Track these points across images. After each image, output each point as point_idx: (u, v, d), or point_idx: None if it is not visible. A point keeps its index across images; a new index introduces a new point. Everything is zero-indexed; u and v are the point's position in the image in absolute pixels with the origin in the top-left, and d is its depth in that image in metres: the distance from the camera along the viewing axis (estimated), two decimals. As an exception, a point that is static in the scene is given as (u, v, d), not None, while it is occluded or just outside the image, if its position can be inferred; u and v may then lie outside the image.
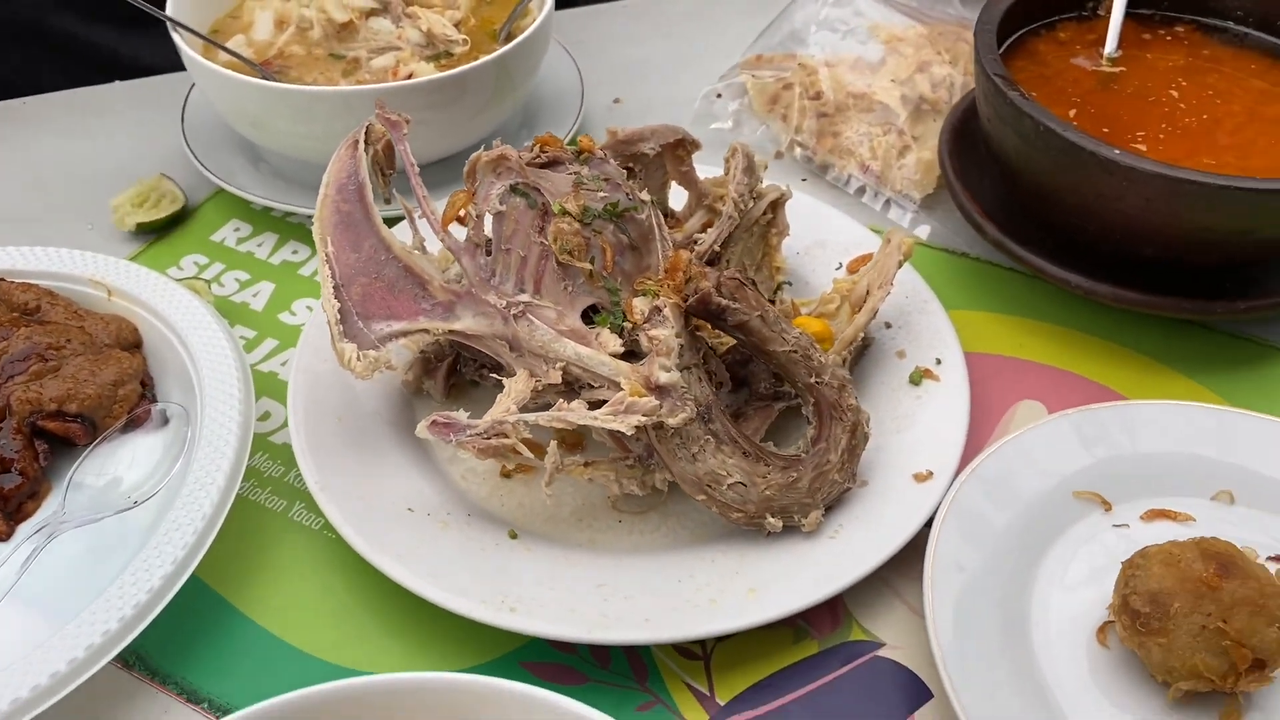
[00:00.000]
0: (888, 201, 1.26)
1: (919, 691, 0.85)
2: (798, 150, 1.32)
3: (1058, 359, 1.09)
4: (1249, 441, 0.97)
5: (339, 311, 0.90)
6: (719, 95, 1.38)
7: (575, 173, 0.93)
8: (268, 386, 1.08)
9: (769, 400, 0.98)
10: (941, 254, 1.21)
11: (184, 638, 0.88)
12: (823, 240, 1.15)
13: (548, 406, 0.87)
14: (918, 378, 1.00)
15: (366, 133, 0.98)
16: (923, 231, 1.23)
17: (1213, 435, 0.97)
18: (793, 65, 1.36)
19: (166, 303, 1.06)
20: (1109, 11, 1.19)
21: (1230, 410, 0.98)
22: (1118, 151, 0.97)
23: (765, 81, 1.37)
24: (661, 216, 0.97)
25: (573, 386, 0.89)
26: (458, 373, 1.03)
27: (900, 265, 1.01)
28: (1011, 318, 1.13)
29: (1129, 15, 1.19)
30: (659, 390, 0.85)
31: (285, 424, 1.01)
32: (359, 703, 0.65)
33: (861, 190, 1.27)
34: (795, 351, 0.90)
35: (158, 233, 1.24)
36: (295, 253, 1.22)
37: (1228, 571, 0.81)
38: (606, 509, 0.95)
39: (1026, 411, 1.04)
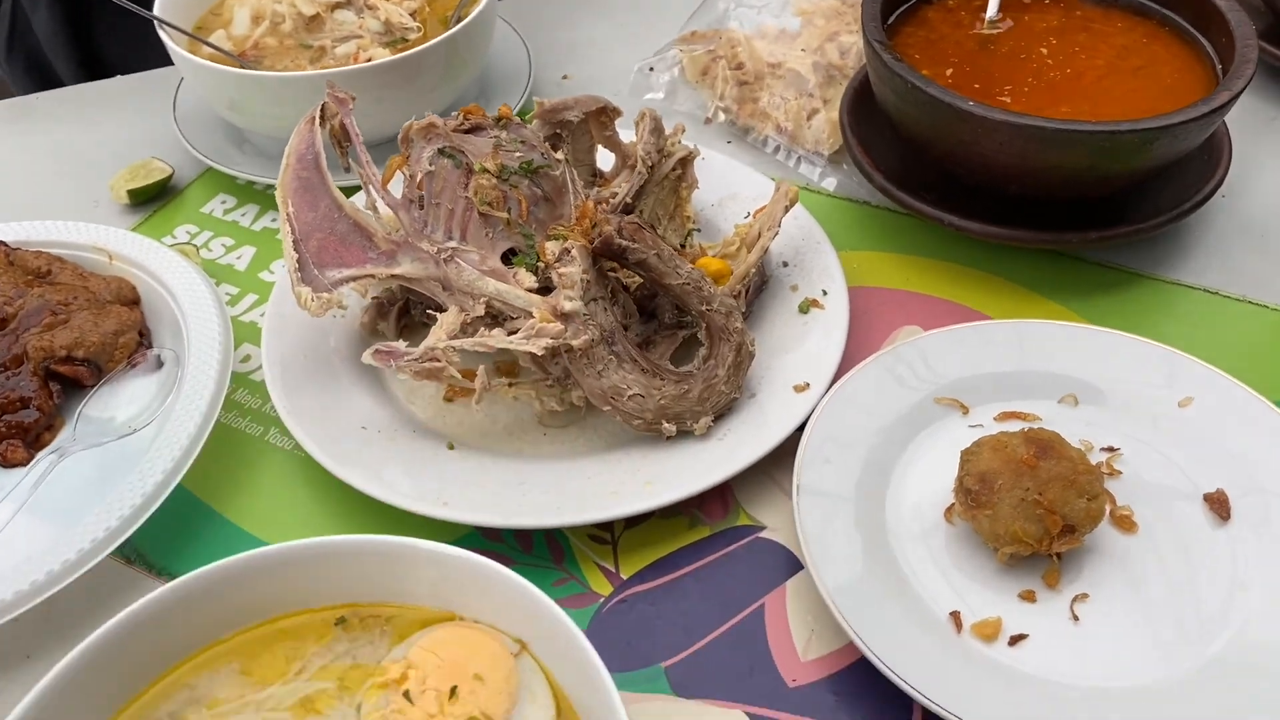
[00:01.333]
0: (799, 159, 1.40)
1: (792, 565, 1.00)
2: (722, 116, 1.47)
3: (937, 289, 1.23)
4: (1094, 352, 1.11)
5: (297, 261, 1.06)
6: (651, 69, 1.53)
7: (495, 136, 1.09)
8: (249, 334, 1.24)
9: (673, 329, 1.13)
10: (845, 203, 1.36)
11: (177, 538, 1.05)
12: (735, 194, 1.30)
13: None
14: (805, 307, 1.15)
15: (322, 110, 1.13)
16: (829, 184, 1.38)
17: (1063, 347, 1.11)
18: (720, 40, 1.50)
19: (159, 264, 1.23)
20: (992, -21, 1.33)
21: (1079, 325, 1.12)
22: (971, 103, 1.11)
23: (696, 54, 1.51)
24: (574, 174, 1.12)
25: (496, 319, 1.05)
26: (408, 315, 1.19)
27: (787, 210, 1.15)
28: (900, 256, 1.28)
29: (1009, -18, 1.33)
30: (564, 317, 1.00)
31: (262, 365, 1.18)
32: (302, 560, 0.80)
33: (777, 149, 1.42)
34: (688, 284, 1.05)
35: (150, 202, 1.41)
36: (274, 220, 1.39)
37: (1045, 453, 0.95)
38: (534, 424, 1.10)
39: (907, 335, 1.19)
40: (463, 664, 0.78)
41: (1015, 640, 0.91)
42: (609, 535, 1.03)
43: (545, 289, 1.04)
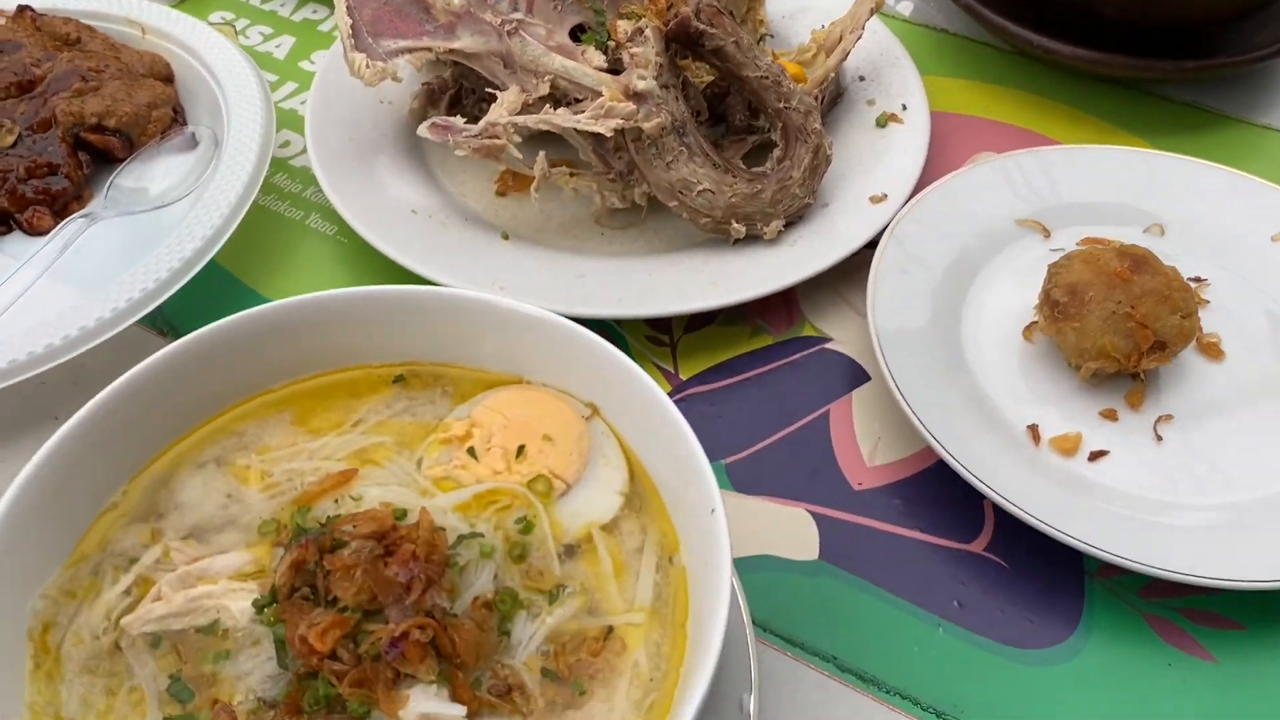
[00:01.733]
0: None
1: (859, 376, 0.96)
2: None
3: (1015, 118, 1.17)
4: (1183, 182, 1.05)
5: (351, 28, 0.99)
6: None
7: (569, -95, 1.01)
8: (288, 121, 1.18)
9: (743, 133, 1.07)
10: (921, 29, 1.28)
11: (213, 313, 0.99)
12: (806, 7, 1.22)
13: (537, 116, 0.97)
14: (884, 120, 1.09)
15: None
16: (905, 8, 1.30)
17: (1151, 177, 1.05)
18: None
19: (199, 41, 1.15)
20: None
21: (1168, 155, 1.06)
22: (1078, -94, 1.04)
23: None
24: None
25: (560, 101, 0.98)
26: (459, 105, 1.12)
27: (871, 14, 1.08)
28: (977, 83, 1.21)
29: None
30: (636, 97, 0.94)
31: (304, 150, 1.11)
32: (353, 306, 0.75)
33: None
34: (766, 77, 0.98)
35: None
36: (315, 12, 1.31)
37: (1139, 268, 0.90)
38: (590, 223, 1.04)
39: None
40: (530, 425, 0.74)
41: (1095, 456, 0.87)
42: (668, 338, 0.98)
43: (613, 71, 0.98)
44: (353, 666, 0.60)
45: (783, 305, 1.00)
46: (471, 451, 0.73)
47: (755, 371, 0.96)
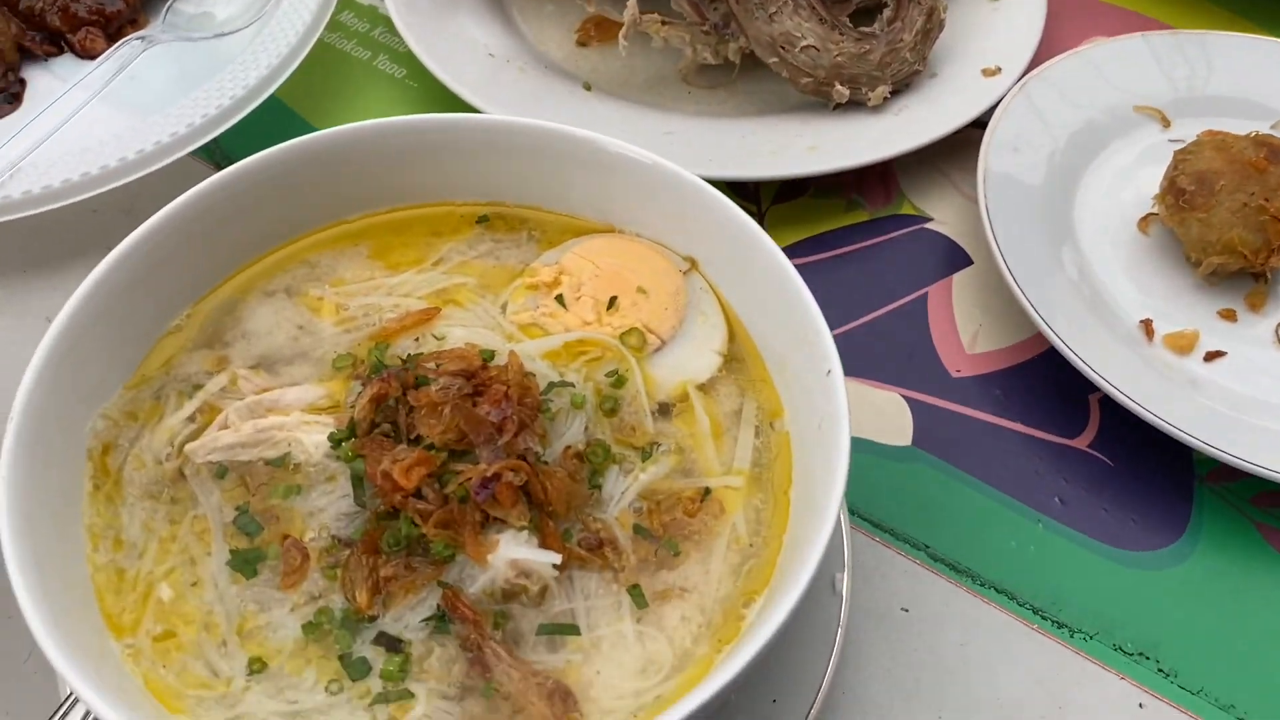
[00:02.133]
0: None
1: (959, 259, 0.90)
2: None
3: (1140, 5, 1.08)
4: (1319, 79, 0.97)
5: None
6: None
7: None
8: (355, -44, 1.10)
9: (848, -7, 0.99)
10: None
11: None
12: None
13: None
14: (998, -8, 1.01)
15: None
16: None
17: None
18: None
19: None
20: None
21: (1305, 47, 0.99)
22: None
23: None
24: None
25: (658, -59, 0.91)
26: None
27: None
28: (1097, -38, 1.12)
29: None
30: (744, -62, 0.86)
31: (372, -13, 1.04)
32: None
33: None
34: (881, -70, 0.91)
35: None
36: None
37: (1277, 157, 0.83)
38: (676, 81, 0.98)
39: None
40: (623, 275, 0.68)
41: (1211, 356, 0.81)
42: (755, 207, 0.92)
43: (718, -87, 0.90)
44: (438, 507, 0.55)
45: (880, 180, 0.94)
46: (560, 299, 0.68)
47: (849, 248, 0.90)
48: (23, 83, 0.97)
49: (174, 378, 0.63)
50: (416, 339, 0.65)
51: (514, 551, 0.55)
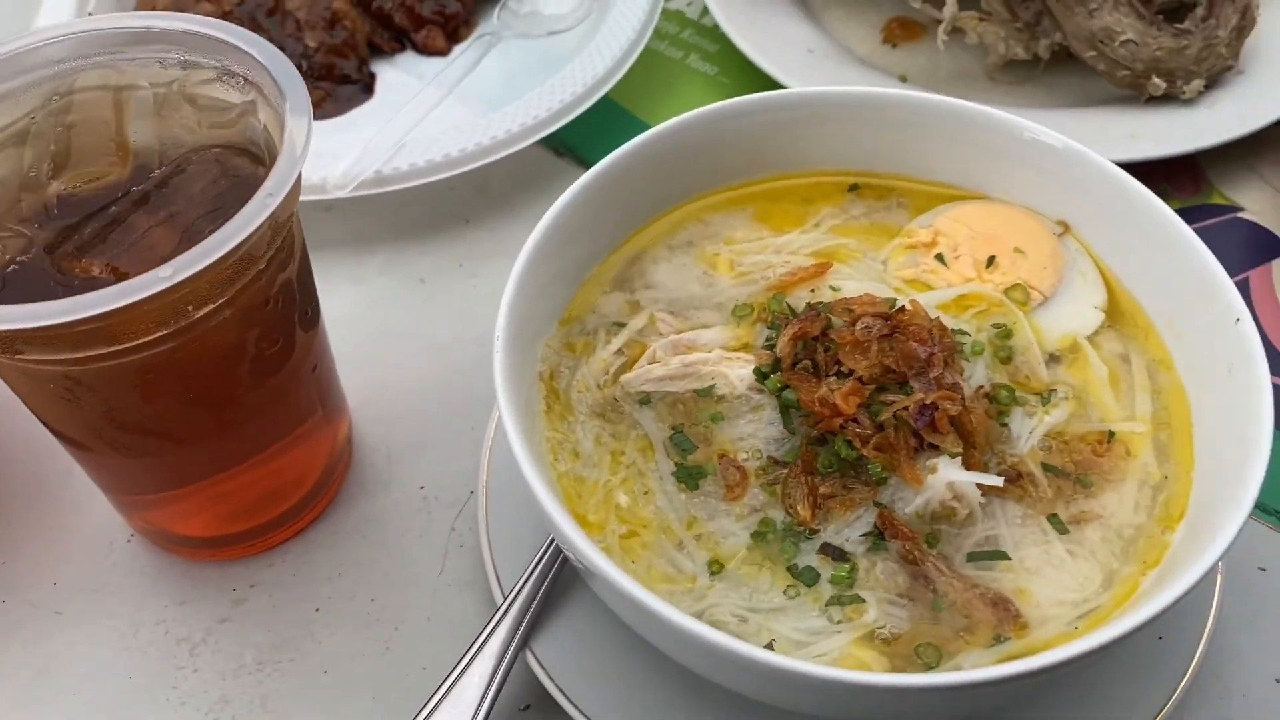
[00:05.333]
0: None
1: (1275, 246, 0.91)
2: None
3: None
4: None
5: None
6: None
7: None
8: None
9: (1157, -8, 1.02)
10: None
11: (604, 139, 1.02)
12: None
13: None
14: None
15: None
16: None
17: None
18: None
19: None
20: None
21: None
22: None
23: None
24: None
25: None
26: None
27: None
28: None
29: None
30: (1072, -64, 0.90)
31: (681, -7, 1.12)
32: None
33: None
34: (1197, -70, 0.94)
35: None
36: None
37: None
38: (981, 75, 1.02)
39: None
40: (999, 237, 0.73)
41: None
42: (1066, 193, 0.95)
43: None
44: (873, 433, 0.60)
45: (1188, 171, 0.96)
46: (940, 258, 0.72)
47: (1163, 234, 0.92)
48: (373, 75, 1.07)
49: (599, 316, 0.70)
50: (812, 290, 0.71)
51: (953, 474, 0.59)
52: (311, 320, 0.69)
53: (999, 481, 0.59)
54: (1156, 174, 0.96)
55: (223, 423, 0.66)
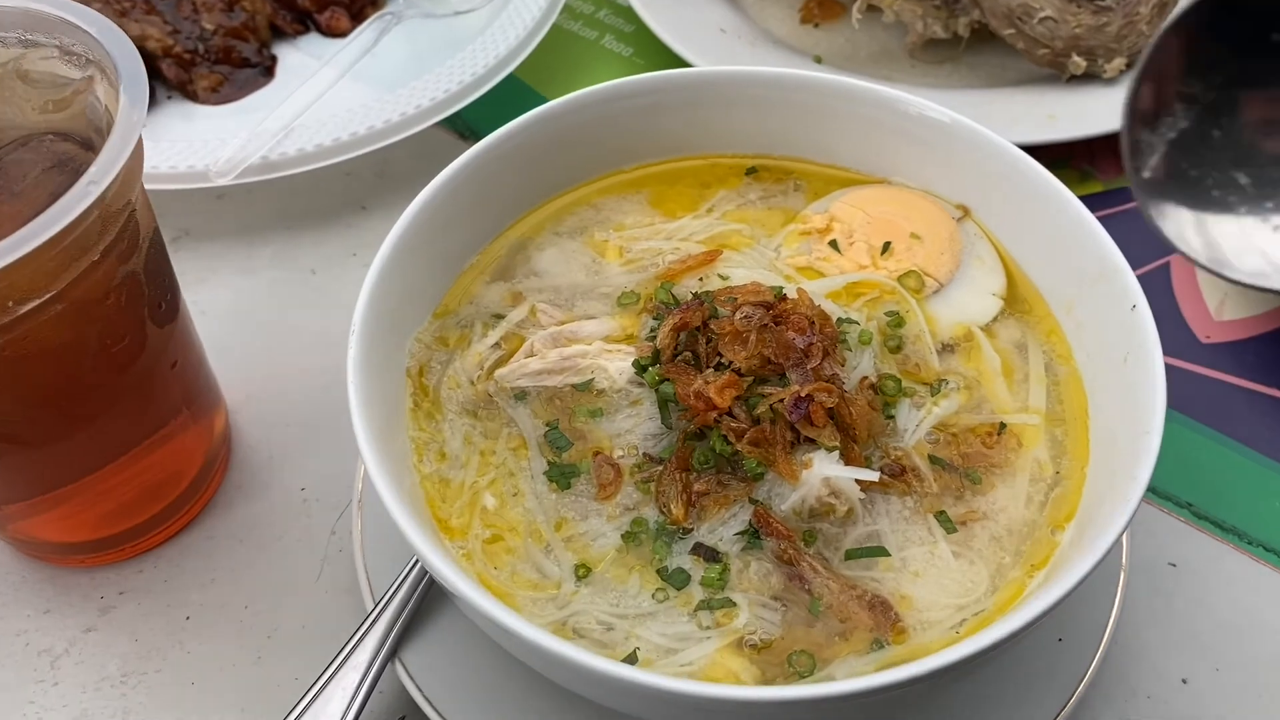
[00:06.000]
0: None
1: (1199, 229, 0.89)
2: None
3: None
4: None
5: None
6: None
7: None
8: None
9: (1075, -30, 1.00)
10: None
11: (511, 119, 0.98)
12: None
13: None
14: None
15: None
16: None
17: None
18: None
19: None
20: None
21: None
22: None
23: None
24: None
25: (894, -83, 0.93)
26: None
27: None
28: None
29: None
30: (988, -91, 0.87)
31: (596, -29, 1.08)
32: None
33: None
34: (1118, -96, 0.91)
35: None
36: None
37: None
38: (902, 55, 0.99)
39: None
40: (895, 223, 0.70)
41: None
42: (985, 176, 0.93)
43: (955, -111, 0.92)
44: (749, 427, 0.57)
45: (1112, 151, 0.93)
46: (834, 244, 0.69)
47: (1083, 217, 0.90)
48: (274, 58, 1.03)
49: (477, 308, 0.67)
50: (700, 279, 0.68)
51: (829, 469, 0.56)
52: (167, 314, 0.65)
53: (875, 476, 0.56)
54: (1080, 155, 0.94)
55: (72, 423, 0.63)
